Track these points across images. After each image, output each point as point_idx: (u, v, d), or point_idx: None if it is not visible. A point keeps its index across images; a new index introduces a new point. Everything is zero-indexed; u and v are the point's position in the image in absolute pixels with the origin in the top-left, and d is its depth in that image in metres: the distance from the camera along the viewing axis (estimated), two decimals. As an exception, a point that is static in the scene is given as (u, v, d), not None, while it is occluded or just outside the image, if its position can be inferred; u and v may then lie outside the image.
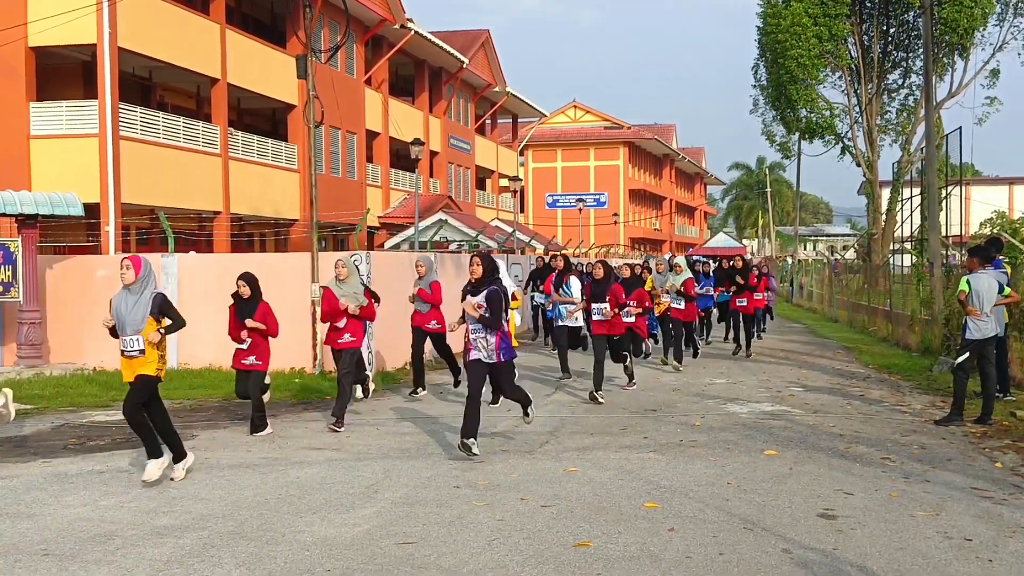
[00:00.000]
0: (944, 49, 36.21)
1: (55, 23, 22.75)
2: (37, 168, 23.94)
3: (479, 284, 9.89)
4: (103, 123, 23.63)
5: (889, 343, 22.98)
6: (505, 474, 9.01)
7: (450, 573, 6.25)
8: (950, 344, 17.71)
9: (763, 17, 39.32)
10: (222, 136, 28.54)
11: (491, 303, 9.66)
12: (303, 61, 16.99)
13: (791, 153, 47.12)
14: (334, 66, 33.28)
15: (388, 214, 40.34)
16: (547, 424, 11.78)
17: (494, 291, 9.73)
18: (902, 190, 31.87)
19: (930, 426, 11.63)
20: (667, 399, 13.91)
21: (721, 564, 6.40)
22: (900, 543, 6.86)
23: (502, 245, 32.85)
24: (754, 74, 42.22)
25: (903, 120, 40.28)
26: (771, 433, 11.12)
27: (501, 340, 9.78)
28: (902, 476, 8.92)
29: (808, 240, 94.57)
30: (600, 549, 6.71)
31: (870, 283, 29.72)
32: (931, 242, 20.69)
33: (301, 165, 32.59)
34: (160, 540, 6.92)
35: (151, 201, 24.66)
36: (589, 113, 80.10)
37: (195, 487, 8.55)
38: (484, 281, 9.90)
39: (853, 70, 39.11)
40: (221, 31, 28.44)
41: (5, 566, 6.38)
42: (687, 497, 8.11)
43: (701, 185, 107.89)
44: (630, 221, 74.41)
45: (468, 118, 50.93)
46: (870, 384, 15.73)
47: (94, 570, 6.34)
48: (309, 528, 7.26)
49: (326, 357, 16.24)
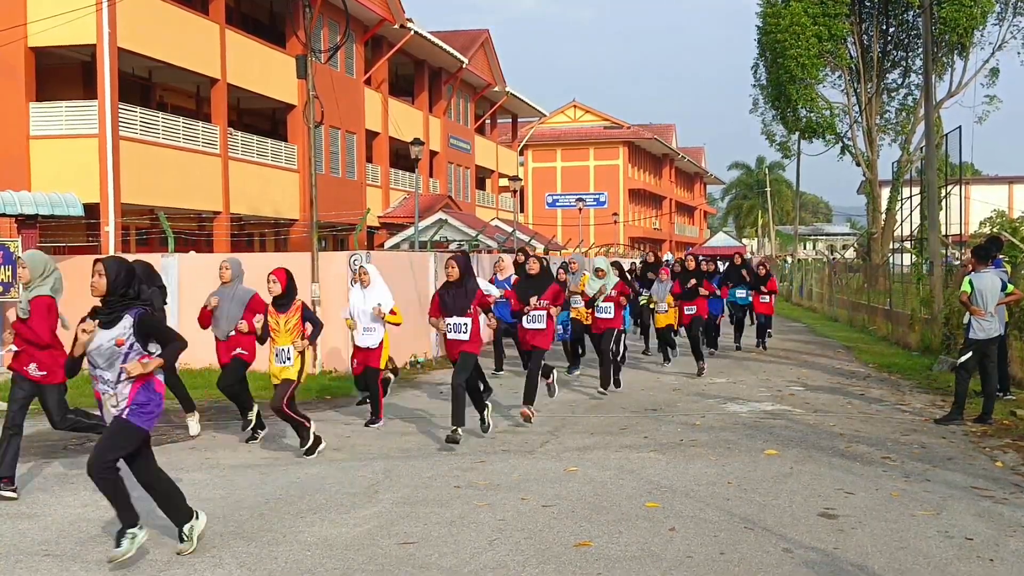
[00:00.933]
0: (943, 48, 36.22)
1: (55, 23, 22.72)
2: (37, 168, 23.92)
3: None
4: (103, 123, 23.62)
5: (889, 342, 22.99)
6: (506, 474, 9.01)
7: (451, 573, 6.25)
8: (950, 343, 17.71)
9: (762, 16, 39.32)
10: (222, 136, 28.53)
11: None
12: (303, 61, 16.98)
13: (791, 152, 47.14)
14: (334, 66, 33.26)
15: (388, 214, 40.33)
16: (547, 424, 11.77)
17: None
18: (902, 189, 31.87)
19: (930, 425, 11.63)
20: (667, 399, 13.90)
21: (722, 563, 6.40)
22: (901, 542, 6.86)
23: (502, 245, 32.84)
24: (754, 73, 42.26)
25: (903, 119, 40.31)
26: (772, 432, 11.12)
27: None
28: (903, 475, 8.92)
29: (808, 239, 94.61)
30: (601, 549, 6.71)
31: (870, 282, 29.71)
32: (931, 241, 20.69)
33: (301, 165, 32.58)
34: (161, 540, 6.91)
35: (151, 201, 24.64)
36: (589, 113, 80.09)
37: (195, 487, 8.54)
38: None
39: (853, 69, 39.12)
40: (221, 31, 28.43)
41: (6, 567, 6.38)
42: (688, 497, 8.11)
43: (701, 184, 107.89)
44: (630, 221, 74.40)
45: (468, 118, 50.93)
46: (870, 383, 15.73)
47: (95, 570, 6.34)
48: (310, 528, 7.25)
49: (326, 357, 16.26)
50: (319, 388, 14.69)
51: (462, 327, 10.38)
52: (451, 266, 10.38)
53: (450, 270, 10.37)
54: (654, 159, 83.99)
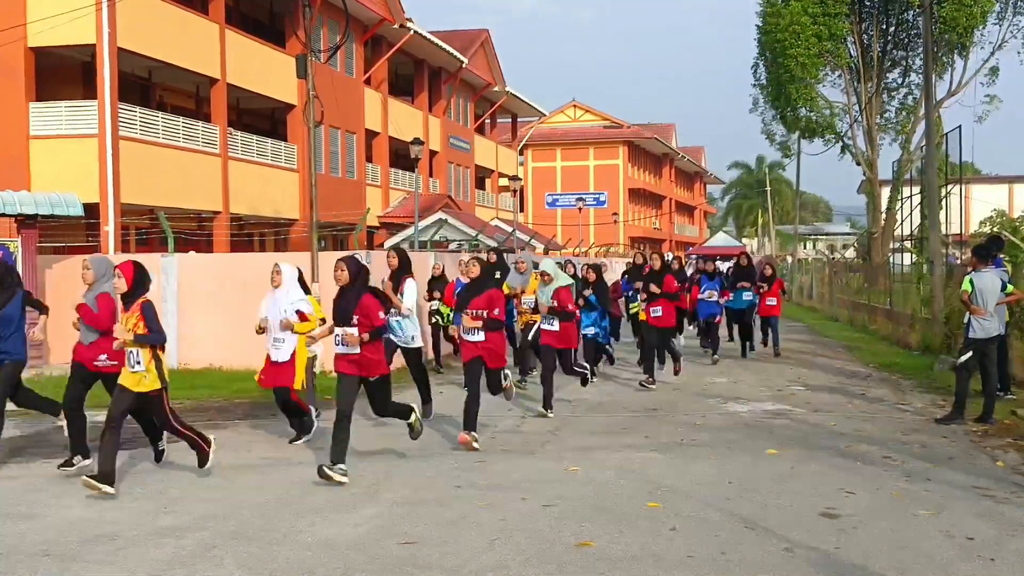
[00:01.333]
0: (944, 48, 36.16)
1: (55, 23, 22.73)
2: (36, 168, 23.92)
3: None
4: (102, 123, 23.62)
5: (890, 342, 22.96)
6: (506, 474, 9.00)
7: (452, 573, 6.24)
8: (950, 343, 17.69)
9: (762, 16, 39.28)
10: (221, 136, 28.52)
11: None
12: (303, 61, 16.99)
13: (791, 152, 47.09)
14: (333, 66, 33.26)
15: (388, 214, 40.33)
16: (548, 424, 11.76)
17: None
18: (902, 189, 31.85)
19: (931, 425, 11.61)
20: (668, 399, 13.89)
21: (723, 563, 6.39)
22: (902, 542, 6.85)
23: (502, 244, 32.84)
24: (753, 73, 42.18)
25: (903, 119, 40.24)
26: (772, 432, 11.11)
27: None
28: (904, 475, 8.91)
29: (808, 239, 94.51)
30: (602, 549, 6.70)
31: (870, 282, 29.70)
32: (931, 241, 20.66)
33: (300, 165, 32.57)
34: (161, 541, 6.91)
35: (151, 201, 24.63)
36: (588, 112, 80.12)
37: (195, 488, 8.54)
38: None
39: (852, 69, 39.06)
40: (220, 31, 28.42)
41: (7, 567, 6.37)
42: (689, 497, 8.10)
43: (701, 184, 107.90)
44: (630, 220, 74.40)
45: (468, 118, 50.92)
46: (871, 383, 15.71)
47: (96, 570, 6.33)
48: (310, 528, 7.24)
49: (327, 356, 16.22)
50: (321, 388, 14.66)
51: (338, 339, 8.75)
52: (340, 268, 8.76)
53: (338, 273, 8.76)
54: (654, 159, 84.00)
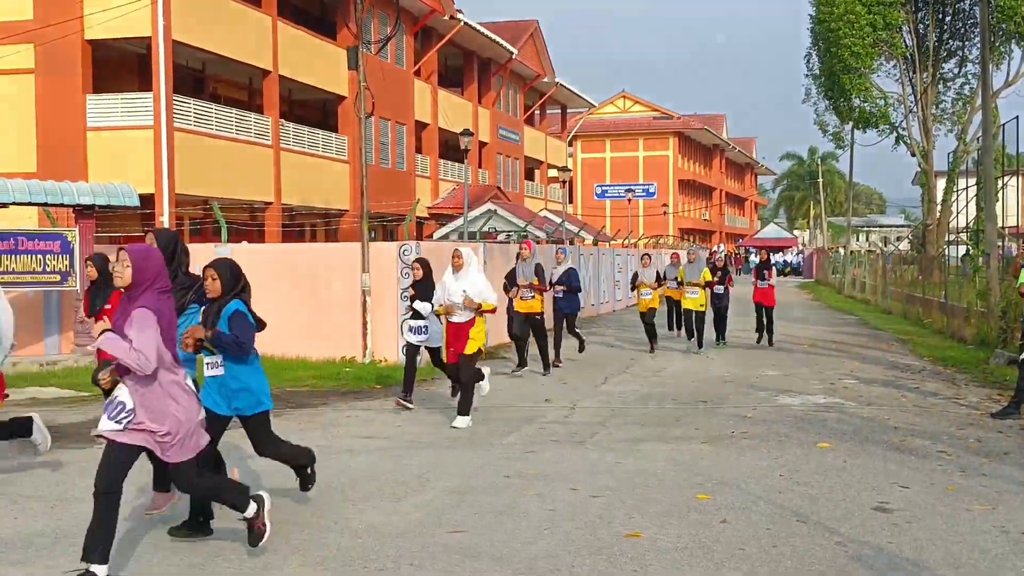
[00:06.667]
0: (1001, 37, 35.54)
1: (111, 16, 23.07)
2: (93, 159, 24.31)
3: None
4: (158, 115, 23.92)
5: (944, 335, 22.64)
6: (555, 464, 9.01)
7: (502, 562, 6.26)
8: (1006, 337, 17.41)
9: (816, 5, 38.83)
10: (273, 127, 28.77)
11: None
12: (354, 52, 17.07)
13: (844, 143, 46.50)
14: (383, 57, 33.40)
15: (437, 204, 40.47)
16: (597, 415, 11.76)
17: None
18: (957, 180, 31.38)
19: (986, 419, 11.44)
20: (718, 391, 13.82)
21: (775, 556, 6.35)
22: (956, 537, 6.76)
23: (551, 235, 32.81)
24: (806, 63, 41.73)
25: (958, 109, 39.58)
26: (824, 425, 11.00)
27: None
28: (958, 469, 8.79)
29: (861, 231, 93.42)
30: (652, 540, 6.69)
31: (925, 274, 29.30)
32: (987, 233, 20.34)
33: (351, 156, 32.77)
34: (214, 525, 6.99)
35: (204, 192, 24.94)
36: (638, 103, 79.77)
37: (249, 477, 8.62)
38: None
39: (908, 59, 38.50)
40: (272, 23, 28.67)
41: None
42: (739, 489, 8.06)
43: (752, 175, 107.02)
44: (680, 212, 74.03)
45: (517, 109, 50.90)
46: (925, 376, 15.51)
47: (152, 553, 6.43)
48: (360, 516, 7.30)
49: (376, 346, 16.35)
50: (373, 377, 14.78)
51: None
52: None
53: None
54: (704, 149, 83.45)
